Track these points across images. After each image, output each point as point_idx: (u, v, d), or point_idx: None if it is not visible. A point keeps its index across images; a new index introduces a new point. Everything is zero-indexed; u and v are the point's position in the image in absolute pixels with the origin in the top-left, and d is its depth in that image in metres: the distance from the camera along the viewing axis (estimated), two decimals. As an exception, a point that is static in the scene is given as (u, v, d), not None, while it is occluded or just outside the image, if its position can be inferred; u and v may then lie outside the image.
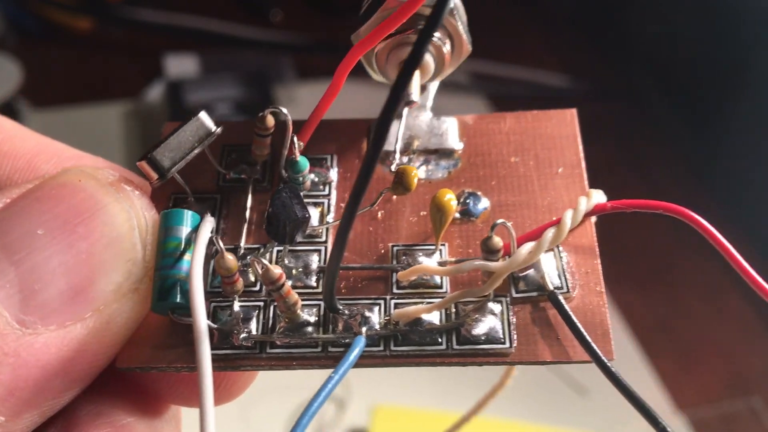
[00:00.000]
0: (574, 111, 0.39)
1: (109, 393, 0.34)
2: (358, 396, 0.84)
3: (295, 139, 0.34)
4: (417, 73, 0.36)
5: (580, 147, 0.38)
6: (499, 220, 0.31)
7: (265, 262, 0.31)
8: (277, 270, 0.31)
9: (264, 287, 0.34)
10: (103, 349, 0.32)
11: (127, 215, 0.33)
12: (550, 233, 0.31)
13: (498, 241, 0.31)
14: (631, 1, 1.03)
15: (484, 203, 0.37)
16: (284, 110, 0.35)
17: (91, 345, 0.31)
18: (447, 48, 0.37)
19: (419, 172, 0.38)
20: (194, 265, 0.31)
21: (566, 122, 0.39)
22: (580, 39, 1.05)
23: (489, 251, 0.31)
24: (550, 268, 0.34)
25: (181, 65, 1.01)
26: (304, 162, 0.35)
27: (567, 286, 0.34)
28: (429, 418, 0.83)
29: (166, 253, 0.33)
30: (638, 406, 0.31)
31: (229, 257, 0.32)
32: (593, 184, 0.37)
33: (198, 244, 0.32)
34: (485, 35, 0.36)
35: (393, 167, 0.36)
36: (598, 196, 0.33)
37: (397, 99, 0.27)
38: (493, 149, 0.38)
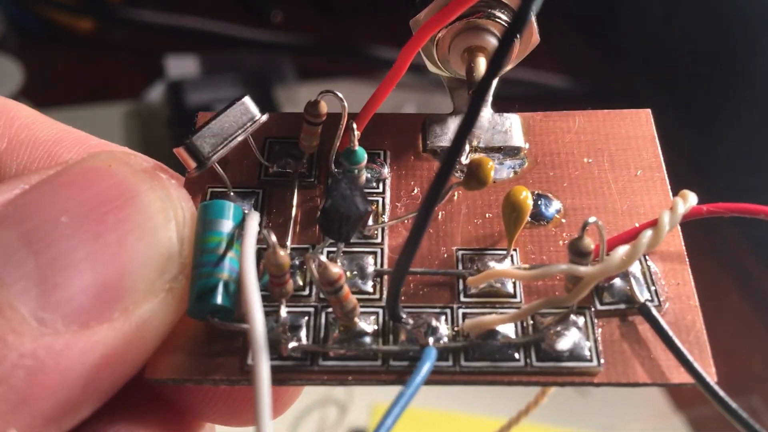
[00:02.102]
0: (648, 111, 0.36)
1: (135, 408, 0.30)
2: (359, 396, 0.83)
3: (354, 126, 0.31)
4: (483, 60, 0.33)
5: (659, 149, 0.35)
6: (591, 219, 0.27)
7: (323, 259, 0.27)
8: (335, 269, 0.27)
9: (318, 290, 0.30)
10: (131, 355, 0.28)
11: (162, 205, 0.29)
12: (647, 235, 0.28)
13: (589, 242, 0.27)
14: (631, 1, 1.02)
15: (556, 206, 0.33)
16: (339, 94, 0.31)
17: (118, 350, 0.27)
18: (516, 38, 0.33)
19: (480, 172, 0.34)
20: (246, 260, 0.27)
21: (641, 122, 0.36)
22: (580, 39, 1.04)
23: (579, 254, 0.27)
24: (638, 279, 0.30)
25: (181, 66, 0.99)
26: (362, 152, 0.31)
27: (658, 298, 0.30)
28: (430, 418, 0.81)
29: (206, 249, 0.29)
30: (747, 427, 0.27)
31: (282, 252, 0.28)
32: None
33: (247, 237, 0.28)
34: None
35: (464, 160, 0.33)
36: (693, 199, 0.30)
37: (484, 94, 0.23)
38: (562, 149, 0.35)
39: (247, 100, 0.32)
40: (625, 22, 1.03)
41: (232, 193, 0.33)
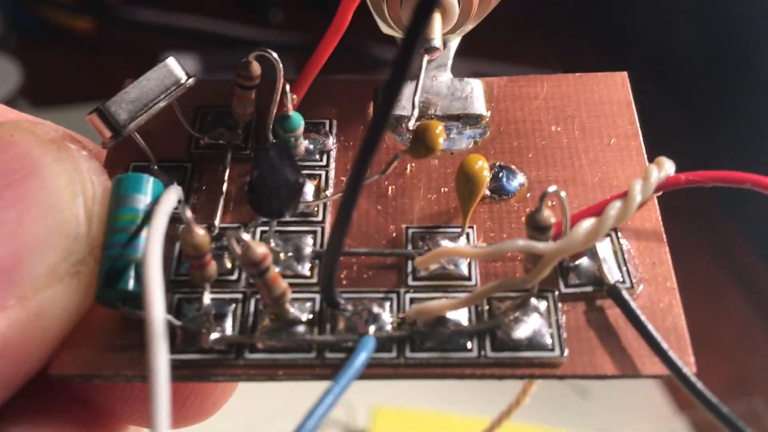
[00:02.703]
0: (625, 75, 0.32)
1: (44, 407, 0.26)
2: (359, 397, 0.80)
3: (288, 89, 0.27)
4: (438, 17, 0.30)
5: (635, 114, 0.31)
6: (551, 188, 0.24)
7: (246, 238, 0.24)
8: (260, 249, 0.24)
9: (244, 274, 0.27)
10: (31, 348, 0.25)
11: (69, 178, 0.26)
12: (614, 207, 0.24)
13: (548, 215, 0.24)
14: (631, 1, 0.99)
15: (520, 179, 0.30)
16: (273, 54, 0.28)
17: (15, 342, 0.24)
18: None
19: (437, 143, 0.30)
20: (151, 237, 0.23)
21: (616, 86, 0.32)
22: (580, 39, 1.02)
23: (537, 228, 0.24)
24: (608, 257, 0.27)
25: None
26: (297, 118, 0.28)
27: (630, 279, 0.26)
28: (430, 419, 0.79)
29: (117, 228, 0.26)
30: (728, 424, 0.23)
31: (199, 231, 0.24)
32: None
33: (158, 214, 0.24)
34: (485, 35, 0.30)
35: (410, 126, 0.29)
36: (670, 167, 0.26)
37: (414, 40, 0.20)
38: (528, 116, 0.31)
39: (171, 61, 0.29)
40: (625, 22, 1.01)
41: (155, 167, 0.29)
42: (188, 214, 0.24)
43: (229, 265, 0.27)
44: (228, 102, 0.32)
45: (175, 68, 0.29)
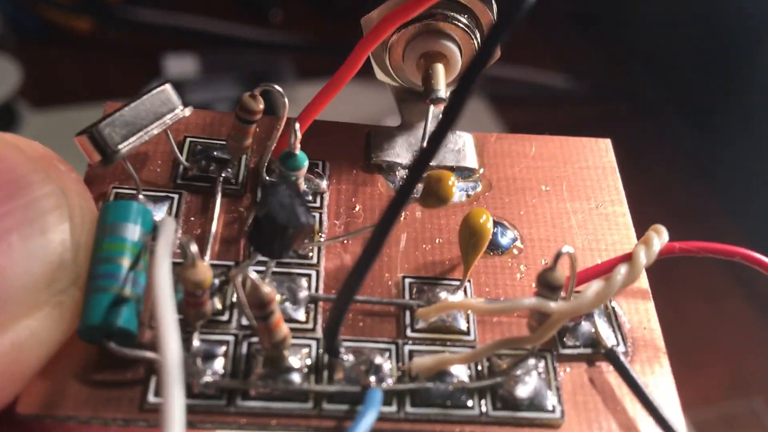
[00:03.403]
0: (608, 141, 0.33)
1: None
2: None
3: (297, 127, 0.26)
4: (442, 68, 0.30)
5: (620, 182, 0.32)
6: (566, 248, 0.24)
7: (254, 277, 0.23)
8: (269, 289, 0.23)
9: (240, 315, 0.25)
10: (3, 383, 0.22)
11: (57, 201, 0.24)
12: (621, 272, 0.25)
13: (562, 275, 0.24)
14: (631, 1, 1.02)
15: (512, 235, 0.30)
16: (279, 89, 0.27)
17: None
18: (476, 44, 0.30)
19: (427, 193, 0.30)
20: (158, 272, 0.22)
21: (600, 153, 0.33)
22: (580, 39, 1.04)
23: (549, 287, 0.24)
24: (600, 320, 0.27)
25: (180, 65, 0.96)
26: (303, 157, 0.27)
27: (624, 343, 0.27)
28: None
29: (105, 258, 0.24)
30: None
31: (203, 266, 0.23)
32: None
33: (161, 244, 0.23)
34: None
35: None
36: (666, 235, 0.27)
37: (462, 103, 0.20)
38: (518, 174, 0.32)
39: (169, 88, 0.28)
40: (626, 22, 1.03)
41: (141, 196, 0.28)
42: (193, 248, 0.23)
43: (219, 305, 0.26)
44: (215, 133, 0.31)
45: (172, 96, 0.27)
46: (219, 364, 0.24)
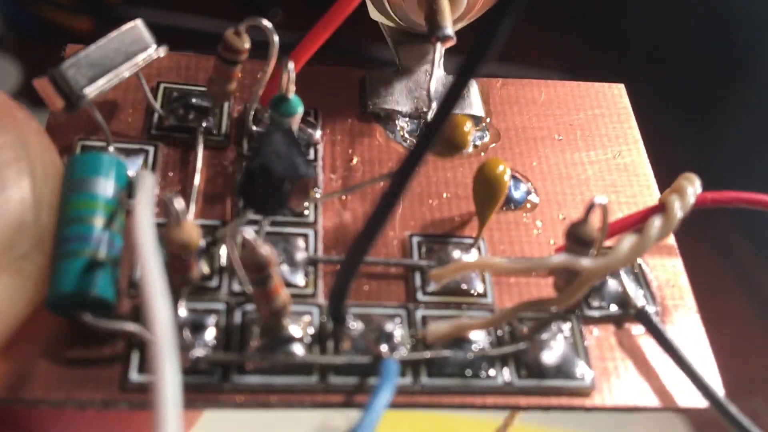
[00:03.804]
0: (621, 86, 0.31)
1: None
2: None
3: (291, 67, 0.23)
4: (447, 2, 0.27)
5: (636, 130, 0.30)
6: (599, 198, 0.21)
7: (251, 236, 0.20)
8: (266, 250, 0.20)
9: (232, 280, 0.22)
10: None
11: (14, 154, 0.21)
12: (656, 223, 0.22)
13: (594, 228, 0.22)
14: (631, 1, 1.00)
15: (524, 188, 0.27)
16: (268, 24, 0.24)
17: None
18: None
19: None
20: (140, 231, 0.19)
21: (614, 98, 0.30)
22: (580, 39, 1.02)
23: (580, 242, 0.21)
24: (627, 278, 0.25)
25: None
26: (297, 102, 0.24)
27: (654, 302, 0.25)
28: (430, 420, 0.74)
29: (74, 217, 0.21)
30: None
31: (190, 225, 0.20)
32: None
33: (142, 201, 0.20)
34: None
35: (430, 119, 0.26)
36: (699, 184, 0.25)
37: (488, 45, 0.17)
38: (527, 122, 0.29)
39: (140, 24, 0.24)
40: (625, 22, 1.01)
41: (112, 148, 0.24)
42: (178, 204, 0.20)
43: (206, 270, 0.23)
44: (192, 79, 0.27)
45: (144, 33, 0.24)
46: (210, 335, 0.22)
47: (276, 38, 0.24)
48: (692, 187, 0.24)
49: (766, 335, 0.74)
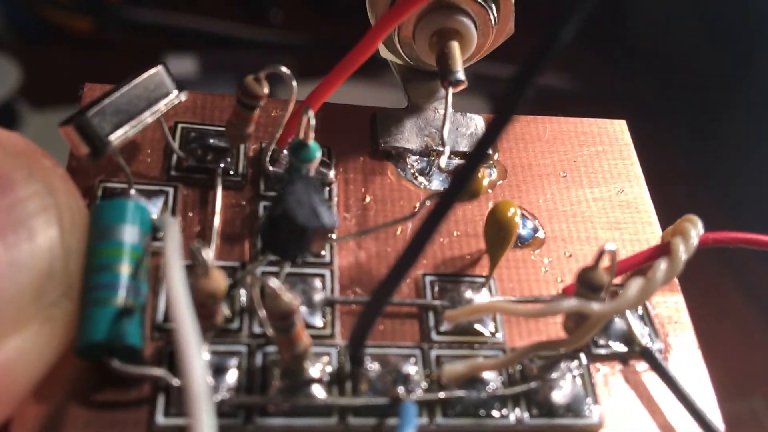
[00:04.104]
0: (623, 122, 0.32)
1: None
2: None
3: (311, 114, 0.24)
4: (457, 46, 0.28)
5: (638, 165, 0.30)
6: (609, 245, 0.22)
7: (275, 283, 0.20)
8: (290, 299, 0.20)
9: (253, 322, 0.23)
10: None
11: (42, 203, 0.21)
12: (662, 267, 0.23)
13: (604, 274, 0.22)
14: (632, 1, 1.01)
15: (531, 225, 0.28)
16: (287, 71, 0.24)
17: None
18: (492, 18, 0.28)
19: (437, 180, 0.28)
20: (174, 287, 0.19)
21: (616, 134, 0.31)
22: (580, 40, 1.04)
23: (590, 286, 0.22)
24: (631, 316, 0.26)
25: (180, 65, 0.94)
26: (316, 148, 0.24)
27: (658, 340, 0.25)
28: None
29: (101, 265, 0.22)
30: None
31: (218, 274, 0.21)
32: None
33: (170, 250, 0.20)
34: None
35: (443, 164, 0.27)
36: (701, 226, 0.26)
37: (522, 92, 0.18)
38: (533, 159, 0.30)
39: (162, 70, 0.25)
40: (626, 23, 1.02)
41: (133, 191, 0.25)
42: (206, 254, 0.20)
43: (228, 311, 0.23)
44: (208, 119, 0.28)
45: (166, 79, 0.25)
46: (232, 377, 0.22)
47: (295, 84, 0.25)
48: (695, 230, 0.25)
49: (766, 335, 0.75)
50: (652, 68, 0.97)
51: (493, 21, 0.28)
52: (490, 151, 0.29)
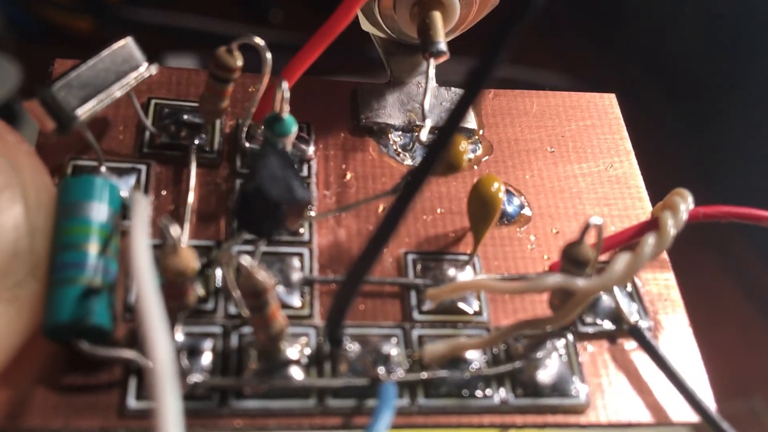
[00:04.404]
0: (612, 96, 0.31)
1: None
2: None
3: (286, 86, 0.23)
4: (440, 16, 0.27)
5: (628, 140, 0.30)
6: (595, 219, 0.21)
7: (248, 262, 0.20)
8: (263, 276, 0.20)
9: (228, 303, 0.22)
10: None
11: (5, 179, 0.20)
12: (650, 241, 0.22)
13: (589, 249, 0.22)
14: (631, 1, 1.00)
15: (517, 202, 0.27)
16: (260, 42, 0.24)
17: None
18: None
19: (420, 156, 0.28)
20: (137, 259, 0.18)
21: (605, 108, 0.31)
22: (580, 39, 1.02)
23: (575, 262, 0.22)
24: (620, 294, 0.25)
25: (180, 65, 0.93)
26: (291, 121, 0.23)
27: (647, 317, 0.25)
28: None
29: (69, 244, 0.21)
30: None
31: (187, 252, 0.20)
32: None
33: (136, 227, 0.19)
34: (483, 34, 0.28)
35: (425, 139, 0.26)
36: (691, 199, 0.25)
37: (495, 60, 0.17)
38: (520, 135, 0.29)
39: (131, 42, 0.24)
40: (626, 22, 1.01)
41: (104, 169, 0.24)
42: (175, 231, 0.20)
43: (201, 292, 0.23)
44: (183, 95, 0.27)
45: (135, 52, 0.24)
46: (207, 359, 0.21)
47: (269, 56, 0.24)
48: (684, 204, 0.24)
49: (766, 335, 0.75)
50: (652, 67, 0.96)
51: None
52: (476, 126, 0.29)
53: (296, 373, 0.22)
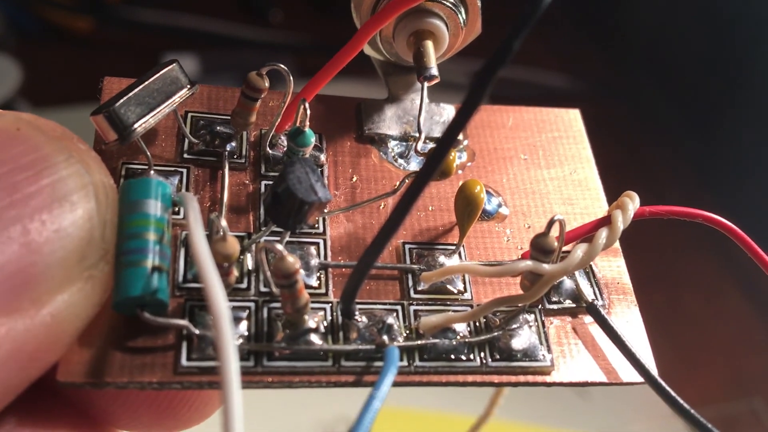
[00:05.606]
0: (576, 111, 0.36)
1: (42, 413, 0.25)
2: (354, 399, 0.76)
3: (307, 105, 0.28)
4: (432, 45, 0.32)
5: (589, 150, 0.35)
6: (558, 216, 0.27)
7: (280, 248, 0.25)
8: (293, 261, 0.25)
9: (259, 282, 0.27)
10: (42, 353, 0.24)
11: (80, 180, 0.25)
12: (603, 234, 0.28)
13: (554, 240, 0.27)
14: (631, 1, 1.01)
15: (496, 201, 0.32)
16: (284, 67, 0.28)
17: (28, 346, 0.23)
18: (462, 20, 0.32)
19: (414, 162, 0.33)
20: (199, 245, 0.23)
21: (571, 122, 0.36)
22: (580, 39, 1.02)
23: (542, 251, 0.27)
24: (580, 277, 0.30)
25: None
26: (311, 134, 0.28)
27: (601, 297, 0.30)
28: (429, 419, 0.77)
29: (130, 234, 0.25)
30: (700, 427, 0.27)
31: (232, 240, 0.25)
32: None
33: (192, 218, 0.24)
34: (484, 35, 0.33)
35: (419, 148, 0.31)
36: (637, 200, 0.30)
37: (485, 87, 0.22)
38: (498, 144, 0.34)
39: (177, 67, 0.29)
40: (626, 22, 1.01)
41: (153, 171, 0.29)
42: (223, 223, 0.24)
43: (236, 273, 0.28)
44: (214, 109, 0.32)
45: (180, 75, 0.29)
46: (243, 327, 0.26)
47: (291, 79, 0.29)
48: (633, 204, 0.29)
49: (766, 335, 0.75)
50: (652, 67, 0.97)
51: (462, 22, 0.32)
52: (461, 137, 0.34)
53: (316, 340, 0.26)
